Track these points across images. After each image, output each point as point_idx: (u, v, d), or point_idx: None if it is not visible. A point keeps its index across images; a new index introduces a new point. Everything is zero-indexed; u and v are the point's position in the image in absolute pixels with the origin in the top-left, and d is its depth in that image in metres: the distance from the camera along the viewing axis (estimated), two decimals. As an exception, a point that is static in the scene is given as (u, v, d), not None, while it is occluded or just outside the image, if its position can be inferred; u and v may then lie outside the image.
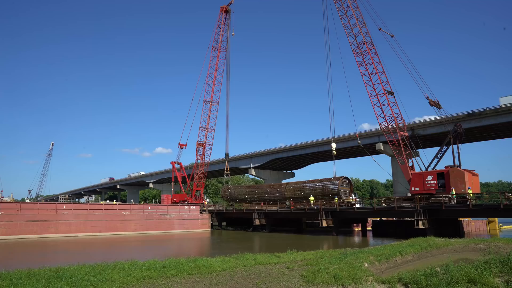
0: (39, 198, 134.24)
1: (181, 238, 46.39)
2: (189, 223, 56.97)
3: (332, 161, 53.27)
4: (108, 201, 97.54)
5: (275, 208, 54.93)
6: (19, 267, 14.39)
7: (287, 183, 61.01)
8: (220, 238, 47.41)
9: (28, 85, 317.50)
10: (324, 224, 44.49)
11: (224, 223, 64.43)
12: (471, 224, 48.41)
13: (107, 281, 11.63)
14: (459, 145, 42.25)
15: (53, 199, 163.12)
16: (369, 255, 16.27)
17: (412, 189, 42.67)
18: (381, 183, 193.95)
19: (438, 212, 37.00)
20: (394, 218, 47.96)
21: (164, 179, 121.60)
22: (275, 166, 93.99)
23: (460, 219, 43.53)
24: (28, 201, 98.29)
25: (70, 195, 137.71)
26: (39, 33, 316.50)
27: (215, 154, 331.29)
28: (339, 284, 11.69)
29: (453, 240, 21.44)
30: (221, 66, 69.95)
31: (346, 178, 51.58)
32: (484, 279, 10.79)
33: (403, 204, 40.81)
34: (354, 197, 59.05)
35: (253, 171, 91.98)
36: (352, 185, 53.08)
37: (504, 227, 55.73)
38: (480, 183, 44.58)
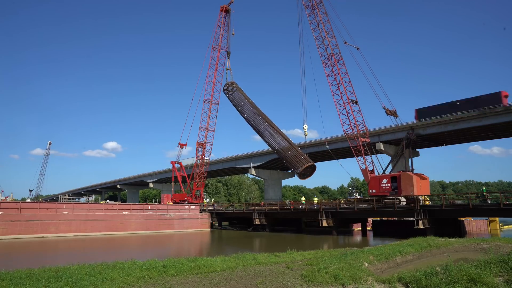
0: (42, 198, 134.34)
1: (181, 238, 46.40)
2: (189, 222, 56.97)
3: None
4: (108, 201, 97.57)
5: (275, 208, 55.00)
6: (19, 266, 14.38)
7: (274, 127, 61.19)
8: (220, 238, 47.43)
9: (28, 84, 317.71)
10: (324, 224, 44.51)
11: (224, 223, 64.43)
12: (472, 223, 48.43)
13: (107, 281, 11.62)
14: (412, 150, 46.32)
15: (53, 198, 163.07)
16: (369, 254, 16.27)
17: (370, 191, 46.15)
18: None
19: (438, 212, 37.04)
20: (395, 218, 47.98)
21: (164, 178, 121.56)
22: (275, 166, 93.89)
23: (461, 218, 43.63)
24: (29, 200, 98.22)
25: (70, 194, 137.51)
26: (39, 33, 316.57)
27: (215, 153, 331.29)
28: (339, 283, 11.68)
29: (453, 239, 21.44)
30: (221, 66, 69.97)
31: (314, 165, 55.34)
32: (484, 279, 10.77)
33: (362, 205, 44.70)
34: (358, 197, 59.98)
35: (253, 171, 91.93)
36: (314, 170, 56.96)
37: (505, 226, 55.70)
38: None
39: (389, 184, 44.07)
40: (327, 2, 51.90)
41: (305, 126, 58.98)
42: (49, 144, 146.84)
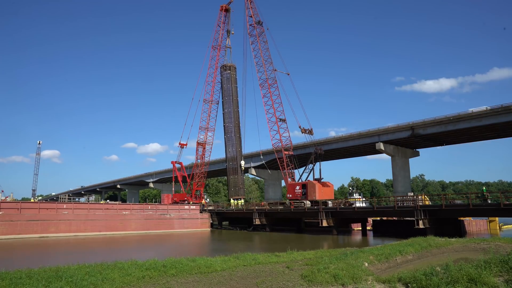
0: (42, 198, 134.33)
1: (181, 238, 46.39)
2: (189, 222, 56.96)
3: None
4: (108, 200, 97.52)
5: (275, 207, 55.02)
6: (19, 266, 14.40)
7: (238, 145, 68.31)
8: (220, 238, 47.42)
9: (28, 84, 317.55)
10: (324, 224, 44.48)
11: (224, 223, 64.43)
12: (472, 223, 48.42)
13: (107, 281, 11.63)
14: (320, 162, 54.08)
15: (53, 198, 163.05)
16: (369, 254, 16.27)
17: (288, 195, 54.01)
18: (382, 183, 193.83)
19: (438, 212, 37.03)
20: (395, 218, 47.97)
21: (164, 178, 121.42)
22: (275, 165, 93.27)
23: (461, 218, 43.64)
24: (37, 200, 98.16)
25: (70, 194, 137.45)
26: (39, 33, 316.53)
27: (215, 153, 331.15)
28: (339, 283, 11.69)
29: (453, 239, 21.44)
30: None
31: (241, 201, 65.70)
32: (484, 279, 10.77)
33: (279, 207, 53.84)
34: (359, 197, 60.49)
35: (253, 171, 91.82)
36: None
37: (505, 226, 55.69)
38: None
39: (300, 190, 51.90)
40: (268, 32, 60.83)
41: (242, 162, 66.88)
42: (39, 143, 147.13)
